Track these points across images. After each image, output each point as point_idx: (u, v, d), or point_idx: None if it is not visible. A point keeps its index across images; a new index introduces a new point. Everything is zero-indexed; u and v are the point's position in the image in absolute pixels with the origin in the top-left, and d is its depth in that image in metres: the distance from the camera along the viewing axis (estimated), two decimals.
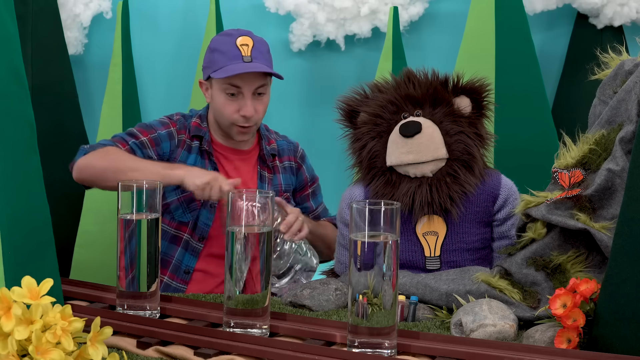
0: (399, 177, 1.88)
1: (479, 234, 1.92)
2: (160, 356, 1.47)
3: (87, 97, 3.14)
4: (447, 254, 1.90)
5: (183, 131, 2.27)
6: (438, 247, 1.90)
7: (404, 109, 1.90)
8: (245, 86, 2.20)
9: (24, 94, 1.48)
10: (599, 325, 1.46)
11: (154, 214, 1.63)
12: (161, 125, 2.27)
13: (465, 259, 1.90)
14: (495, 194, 1.91)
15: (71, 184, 2.89)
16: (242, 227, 1.52)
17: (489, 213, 1.92)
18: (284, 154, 2.38)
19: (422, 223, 1.90)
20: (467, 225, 1.91)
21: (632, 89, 1.71)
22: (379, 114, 1.91)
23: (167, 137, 2.25)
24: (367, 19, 3.01)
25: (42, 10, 2.83)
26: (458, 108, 1.90)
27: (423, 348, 1.46)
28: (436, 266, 1.90)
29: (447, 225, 1.90)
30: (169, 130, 2.26)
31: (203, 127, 2.28)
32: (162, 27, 3.19)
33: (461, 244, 1.90)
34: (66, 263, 2.82)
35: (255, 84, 2.21)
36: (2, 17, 1.44)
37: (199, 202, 2.22)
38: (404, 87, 1.92)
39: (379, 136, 1.91)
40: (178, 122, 2.28)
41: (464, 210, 1.88)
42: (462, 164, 1.87)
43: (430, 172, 1.86)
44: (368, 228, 1.41)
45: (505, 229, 1.92)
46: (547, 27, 3.10)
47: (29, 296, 1.23)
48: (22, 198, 1.44)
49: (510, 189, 1.93)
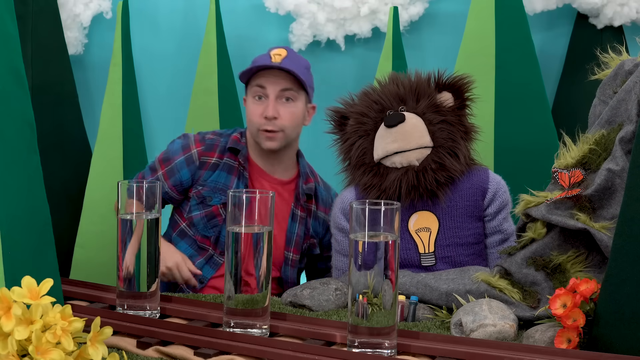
0: (386, 169, 1.94)
1: (472, 229, 1.95)
2: (160, 356, 1.47)
3: (87, 97, 3.14)
4: (441, 249, 1.93)
5: (210, 152, 2.26)
6: (432, 243, 1.94)
7: (388, 106, 1.97)
8: (269, 86, 2.21)
9: (24, 94, 1.48)
10: (599, 325, 1.46)
11: (154, 214, 1.63)
12: (181, 150, 2.27)
13: (459, 253, 1.94)
14: (484, 188, 1.96)
15: (71, 184, 2.90)
16: (242, 227, 1.52)
17: (479, 207, 1.96)
18: (321, 203, 2.36)
19: (414, 220, 1.94)
20: (459, 219, 1.94)
21: (632, 89, 1.71)
22: (365, 113, 1.98)
23: (184, 164, 2.26)
24: (367, 19, 3.01)
25: (42, 10, 2.83)
26: (440, 102, 1.96)
27: (423, 348, 1.46)
28: (431, 262, 1.93)
29: (439, 220, 1.93)
30: (187, 155, 2.26)
31: (242, 142, 2.28)
32: (162, 27, 3.19)
33: (454, 238, 1.94)
34: (66, 263, 2.82)
35: (279, 84, 2.21)
36: (2, 17, 1.44)
37: (220, 219, 2.23)
38: (388, 87, 1.99)
39: (366, 134, 1.98)
40: (207, 142, 2.28)
41: (451, 202, 1.93)
42: (446, 151, 1.92)
43: (417, 160, 1.92)
44: (368, 228, 1.41)
45: (497, 224, 1.97)
46: (547, 27, 3.10)
47: (29, 296, 1.23)
48: (22, 198, 1.45)
49: (498, 183, 1.98)
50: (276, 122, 2.21)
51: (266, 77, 2.22)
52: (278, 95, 2.21)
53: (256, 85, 2.23)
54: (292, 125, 2.24)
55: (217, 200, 2.22)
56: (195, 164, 2.25)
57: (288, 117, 2.23)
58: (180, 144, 2.29)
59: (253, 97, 2.24)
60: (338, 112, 2.06)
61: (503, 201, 1.97)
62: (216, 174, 2.25)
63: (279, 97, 2.22)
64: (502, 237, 1.97)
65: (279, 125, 2.22)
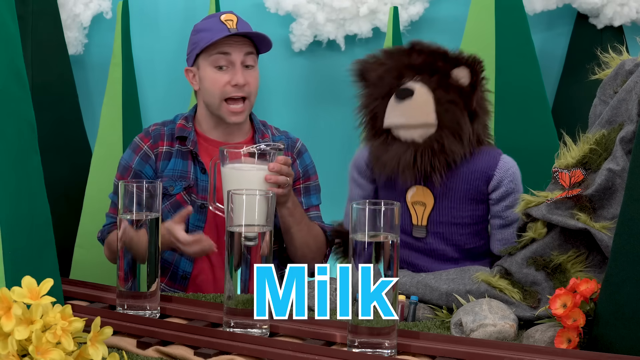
0: (392, 139, 1.95)
1: (470, 211, 1.95)
2: (160, 356, 1.47)
3: (87, 97, 3.14)
4: (433, 225, 1.96)
5: (159, 142, 2.23)
6: (425, 217, 1.97)
7: (404, 75, 1.97)
8: (234, 52, 2.18)
9: (25, 94, 1.48)
10: (599, 325, 1.46)
11: (154, 214, 1.63)
12: (133, 153, 2.23)
13: (453, 232, 1.96)
14: (489, 175, 1.94)
15: (71, 184, 2.90)
16: (242, 227, 1.52)
17: (481, 192, 1.95)
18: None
19: (411, 192, 1.97)
20: (455, 200, 1.95)
21: (633, 88, 1.71)
22: (382, 77, 2.00)
23: (142, 163, 2.22)
24: (367, 19, 3.01)
25: (42, 10, 2.83)
26: (456, 78, 1.95)
27: (423, 348, 1.46)
28: (422, 234, 1.97)
29: (435, 198, 1.95)
30: (141, 154, 2.23)
31: (187, 128, 2.24)
32: (162, 27, 3.19)
33: (449, 217, 1.95)
34: (66, 263, 2.82)
35: (244, 49, 2.19)
36: (3, 17, 1.44)
37: (186, 205, 2.16)
38: (407, 55, 2.00)
39: (380, 98, 1.98)
40: (152, 134, 2.24)
41: (449, 183, 1.93)
42: (450, 132, 1.91)
43: (420, 137, 1.91)
44: (368, 228, 1.41)
45: (499, 209, 1.95)
46: (547, 27, 3.10)
47: (29, 296, 1.23)
48: (22, 198, 1.44)
49: (507, 170, 1.95)
50: (244, 88, 2.19)
51: (229, 44, 2.19)
52: (242, 60, 2.20)
53: (218, 52, 2.19)
54: (256, 91, 2.24)
55: (179, 188, 2.18)
56: (152, 158, 2.22)
57: (253, 83, 2.22)
58: (128, 151, 2.26)
59: (214, 66, 2.20)
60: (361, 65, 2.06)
61: (508, 189, 1.93)
62: (172, 162, 2.22)
63: (243, 63, 2.20)
64: (503, 222, 1.95)
65: (247, 92, 2.20)
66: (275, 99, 3.18)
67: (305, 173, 2.32)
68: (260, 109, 3.16)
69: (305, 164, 2.32)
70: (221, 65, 2.20)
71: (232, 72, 2.19)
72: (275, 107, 3.17)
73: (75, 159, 2.93)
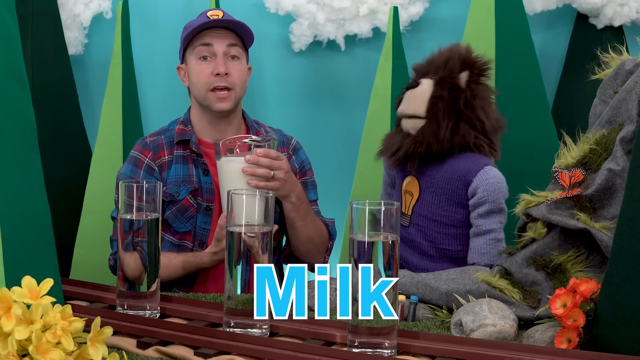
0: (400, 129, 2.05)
1: (449, 211, 1.99)
2: (160, 356, 1.47)
3: (87, 97, 3.14)
4: (416, 216, 2.03)
5: (160, 153, 2.22)
6: (410, 207, 2.04)
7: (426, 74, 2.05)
8: (216, 43, 2.19)
9: (25, 94, 1.48)
10: (599, 325, 1.46)
11: (154, 214, 1.63)
12: (136, 168, 2.22)
13: (432, 229, 2.01)
14: (468, 180, 1.98)
15: (71, 184, 2.90)
16: (242, 227, 1.52)
17: (461, 195, 1.99)
18: None
19: (406, 181, 2.06)
20: (436, 197, 2.00)
21: (633, 88, 1.71)
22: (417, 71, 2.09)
23: (147, 175, 2.21)
24: (367, 19, 3.01)
25: (42, 10, 2.83)
26: (458, 78, 2.00)
27: (423, 348, 1.46)
28: (405, 223, 2.04)
29: (420, 191, 2.01)
30: (145, 167, 2.21)
31: (187, 131, 2.23)
32: (162, 27, 3.19)
33: (429, 212, 2.01)
34: (66, 263, 2.82)
35: (226, 40, 2.20)
36: (3, 17, 1.44)
37: (193, 209, 2.19)
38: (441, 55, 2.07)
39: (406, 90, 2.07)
40: (152, 146, 2.23)
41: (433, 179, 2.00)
42: (429, 124, 1.98)
43: (412, 129, 2.00)
44: (368, 228, 1.41)
45: (474, 216, 1.99)
46: (547, 27, 3.10)
47: (29, 296, 1.23)
48: (22, 198, 1.44)
49: (486, 180, 1.97)
50: (227, 78, 2.19)
51: (210, 35, 2.20)
52: (225, 52, 2.20)
53: (200, 44, 2.20)
54: (240, 83, 2.23)
55: (185, 193, 2.19)
56: (156, 170, 2.21)
57: (237, 75, 2.21)
58: (129, 166, 2.23)
59: (197, 58, 2.21)
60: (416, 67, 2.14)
61: (483, 198, 1.95)
62: (173, 169, 2.21)
63: (226, 55, 2.20)
64: (475, 230, 1.98)
65: (230, 82, 2.20)
66: (275, 98, 3.18)
67: (302, 169, 2.33)
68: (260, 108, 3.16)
69: (301, 160, 2.33)
70: (205, 56, 2.21)
71: (215, 63, 2.20)
72: (275, 107, 3.18)
73: (75, 159, 2.93)
